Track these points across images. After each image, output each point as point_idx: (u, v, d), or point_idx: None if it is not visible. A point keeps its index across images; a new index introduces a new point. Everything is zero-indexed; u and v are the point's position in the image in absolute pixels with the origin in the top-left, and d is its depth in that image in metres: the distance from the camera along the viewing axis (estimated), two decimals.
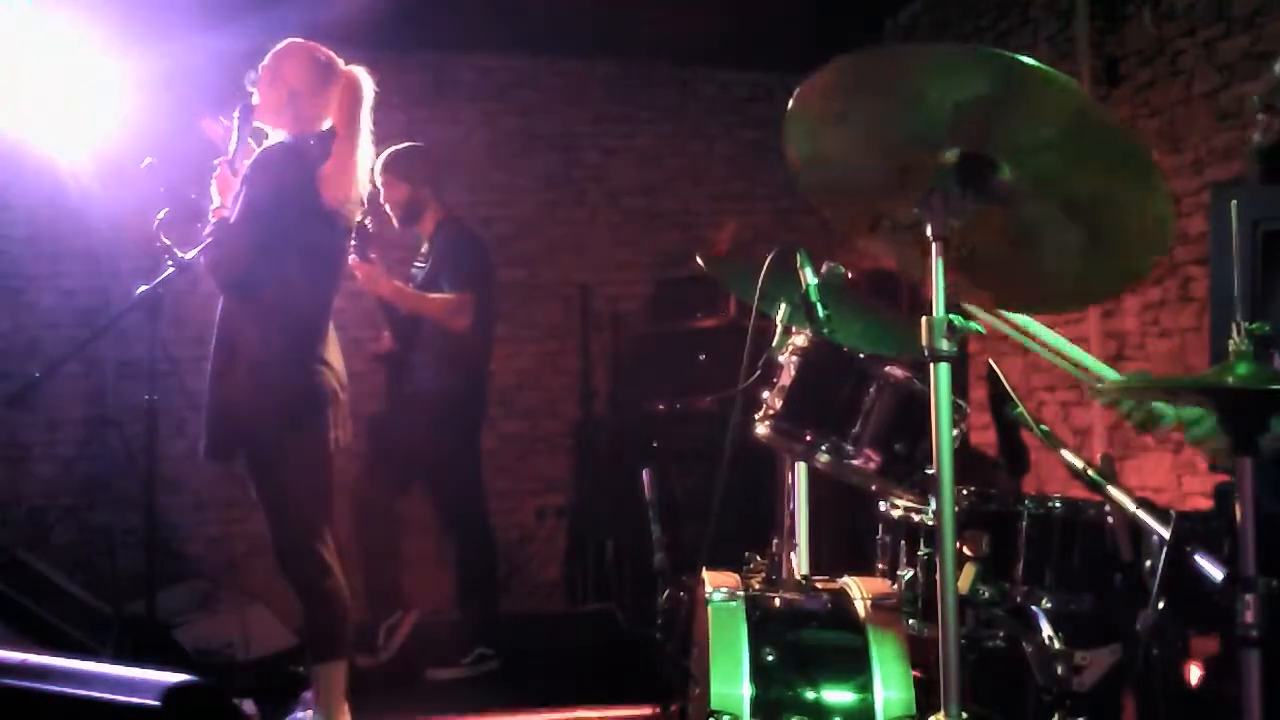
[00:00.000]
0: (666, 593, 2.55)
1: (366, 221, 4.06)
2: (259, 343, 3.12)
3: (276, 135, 3.26)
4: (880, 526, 2.43)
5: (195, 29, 4.68)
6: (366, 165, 3.35)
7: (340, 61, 3.31)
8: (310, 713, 3.23)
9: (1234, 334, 1.62)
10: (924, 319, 1.78)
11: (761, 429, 2.23)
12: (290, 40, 3.29)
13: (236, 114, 3.17)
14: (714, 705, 2.04)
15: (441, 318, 4.30)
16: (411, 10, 5.06)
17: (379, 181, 4.37)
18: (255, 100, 3.21)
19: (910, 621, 2.20)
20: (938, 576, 1.76)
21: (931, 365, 1.78)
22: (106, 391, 5.21)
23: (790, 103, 1.82)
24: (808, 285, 2.23)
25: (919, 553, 2.24)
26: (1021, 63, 1.62)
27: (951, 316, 1.78)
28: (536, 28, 5.61)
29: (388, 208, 4.40)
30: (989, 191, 1.82)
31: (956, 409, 1.87)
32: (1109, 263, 1.90)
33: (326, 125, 3.27)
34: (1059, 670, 2.06)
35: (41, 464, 5.30)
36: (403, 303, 4.34)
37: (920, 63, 1.79)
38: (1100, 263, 1.90)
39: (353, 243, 3.96)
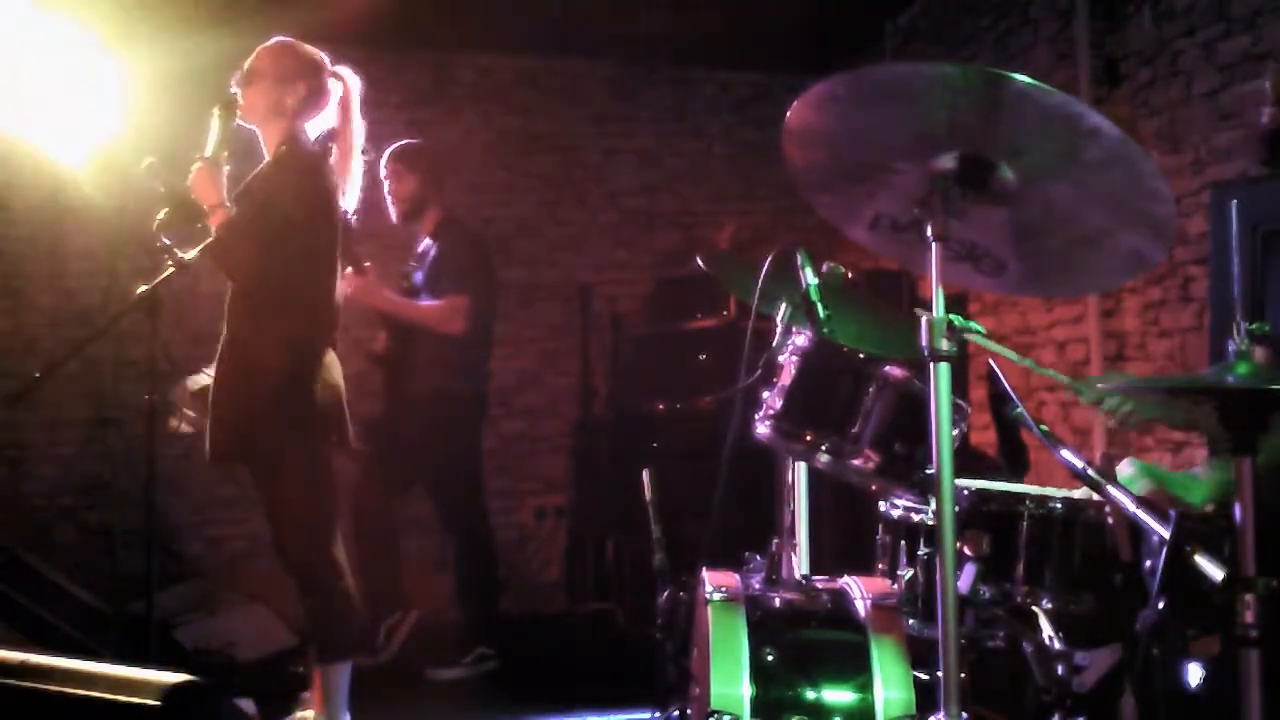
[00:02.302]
0: (666, 593, 2.55)
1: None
2: (260, 348, 3.10)
3: (265, 135, 3.22)
4: (880, 526, 2.44)
5: (195, 29, 4.68)
6: (360, 168, 3.32)
7: (328, 60, 3.26)
8: (311, 713, 3.23)
9: (1235, 334, 1.62)
10: (923, 319, 1.78)
11: (761, 429, 2.23)
12: (275, 39, 3.21)
13: (217, 112, 3.12)
14: (714, 705, 2.04)
15: (436, 324, 4.30)
16: (412, 10, 5.06)
17: (386, 173, 4.36)
18: (240, 100, 3.14)
19: (910, 621, 2.20)
20: (938, 576, 1.76)
21: (931, 365, 1.78)
22: (106, 391, 5.20)
23: (788, 115, 1.83)
24: (808, 285, 2.23)
25: (919, 553, 2.24)
26: (1011, 79, 1.63)
27: (951, 316, 1.78)
28: (536, 28, 5.61)
29: (391, 201, 4.39)
30: (990, 191, 1.82)
31: (956, 409, 1.87)
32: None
33: (323, 125, 3.26)
34: (1059, 670, 2.06)
35: (41, 464, 5.30)
36: (395, 312, 4.33)
37: (913, 80, 1.79)
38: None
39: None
